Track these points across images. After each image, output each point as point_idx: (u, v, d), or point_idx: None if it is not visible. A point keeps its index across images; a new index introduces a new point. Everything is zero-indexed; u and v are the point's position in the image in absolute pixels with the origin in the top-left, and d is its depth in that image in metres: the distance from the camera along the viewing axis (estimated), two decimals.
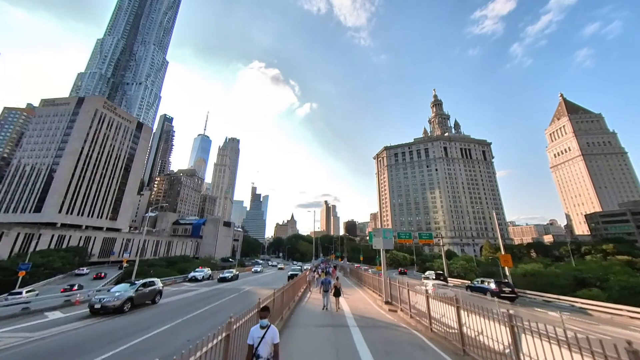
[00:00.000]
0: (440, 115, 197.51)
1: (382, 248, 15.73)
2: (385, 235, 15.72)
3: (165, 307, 16.43)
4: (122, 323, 12.51)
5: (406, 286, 13.40)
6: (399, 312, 13.63)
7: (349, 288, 24.05)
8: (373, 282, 20.65)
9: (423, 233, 46.82)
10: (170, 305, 17.06)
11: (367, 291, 21.76)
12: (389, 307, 14.49)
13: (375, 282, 19.67)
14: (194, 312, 14.56)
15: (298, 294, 16.74)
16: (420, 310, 11.45)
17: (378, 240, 15.75)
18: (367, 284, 23.33)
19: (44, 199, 72.92)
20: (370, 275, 23.13)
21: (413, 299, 12.42)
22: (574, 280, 41.74)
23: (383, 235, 15.69)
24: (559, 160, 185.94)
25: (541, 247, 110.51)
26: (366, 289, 22.93)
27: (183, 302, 18.08)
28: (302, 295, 17.88)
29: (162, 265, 65.38)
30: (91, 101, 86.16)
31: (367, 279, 23.29)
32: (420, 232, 47.36)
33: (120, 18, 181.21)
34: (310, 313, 13.63)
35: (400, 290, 14.10)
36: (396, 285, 14.76)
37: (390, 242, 15.94)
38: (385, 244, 15.63)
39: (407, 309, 12.88)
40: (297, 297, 16.58)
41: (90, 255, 71.14)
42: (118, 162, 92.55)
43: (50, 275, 44.60)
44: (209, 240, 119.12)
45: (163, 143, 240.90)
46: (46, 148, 79.48)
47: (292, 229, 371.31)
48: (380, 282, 17.36)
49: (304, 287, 19.73)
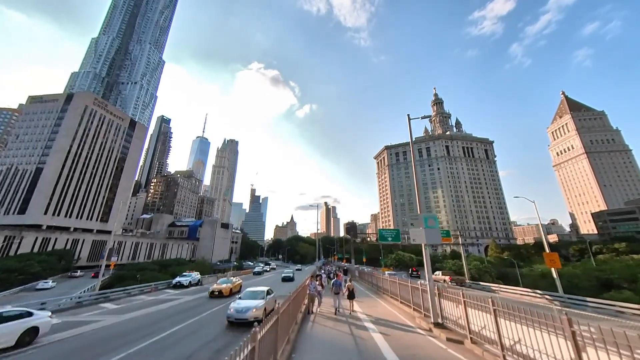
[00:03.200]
0: (441, 114, 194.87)
1: (425, 242, 10.54)
2: (427, 222, 10.52)
3: (100, 335, 11.15)
4: None
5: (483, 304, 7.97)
6: (467, 345, 8.55)
7: (365, 297, 19.43)
8: (400, 291, 15.59)
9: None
10: (113, 329, 11.89)
11: (390, 301, 17.09)
12: (445, 334, 9.42)
13: (405, 291, 14.43)
14: (151, 338, 10.28)
15: (298, 314, 11.86)
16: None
17: (418, 232, 10.68)
18: (388, 291, 18.58)
19: (29, 200, 69.05)
20: (391, 280, 18.03)
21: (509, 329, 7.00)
22: (597, 281, 38.51)
23: (424, 222, 10.43)
24: (562, 158, 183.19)
25: (548, 247, 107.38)
26: (388, 297, 18.23)
27: (148, 320, 13.68)
28: (305, 314, 13.16)
29: (154, 269, 61.32)
30: (80, 97, 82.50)
31: (389, 286, 18.30)
32: None
33: (116, 17, 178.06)
34: (324, 346, 8.99)
35: (465, 309, 8.95)
36: (454, 298, 9.70)
37: (435, 232, 10.70)
38: (430, 236, 10.44)
39: (485, 340, 7.88)
40: (300, 316, 12.02)
41: (77, 259, 67.18)
42: (110, 161, 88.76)
43: (27, 281, 40.65)
44: (206, 243, 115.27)
45: (160, 144, 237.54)
46: (32, 147, 75.66)
47: (291, 231, 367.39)
48: (415, 292, 12.60)
49: (304, 304, 13.94)
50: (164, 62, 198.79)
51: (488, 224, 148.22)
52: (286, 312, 8.10)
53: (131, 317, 14.50)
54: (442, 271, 43.20)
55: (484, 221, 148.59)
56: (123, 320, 13.85)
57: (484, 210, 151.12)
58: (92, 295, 19.22)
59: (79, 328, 12.28)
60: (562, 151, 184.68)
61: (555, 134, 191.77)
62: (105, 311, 16.50)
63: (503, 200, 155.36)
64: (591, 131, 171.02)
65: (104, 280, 52.18)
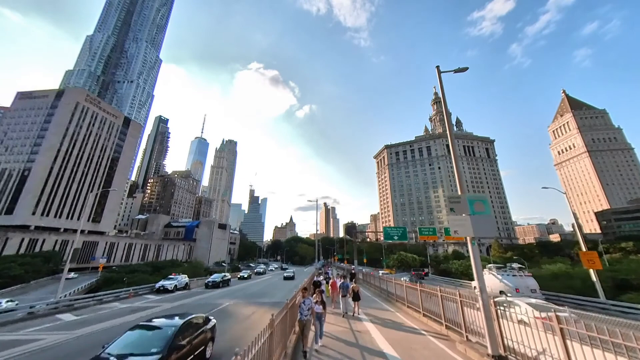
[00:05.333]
0: (442, 113, 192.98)
1: (472, 235, 7.43)
2: (474, 207, 7.33)
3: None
4: None
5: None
6: None
7: (375, 306, 16.29)
8: (422, 300, 12.27)
9: (424, 228, 40.40)
10: (47, 354, 9.31)
11: (407, 312, 14.07)
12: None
13: (432, 302, 11.17)
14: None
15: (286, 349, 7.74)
16: None
17: (460, 222, 7.54)
18: (404, 299, 15.20)
19: (17, 200, 66.29)
20: (410, 286, 14.57)
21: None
22: (612, 282, 36.35)
23: (470, 207, 7.32)
24: (564, 157, 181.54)
25: (552, 246, 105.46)
26: (403, 307, 14.98)
27: (101, 337, 10.55)
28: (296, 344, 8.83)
29: (147, 271, 58.79)
30: (72, 93, 79.77)
31: (406, 294, 14.85)
32: (421, 227, 40.86)
33: (111, 14, 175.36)
34: None
35: (562, 340, 5.44)
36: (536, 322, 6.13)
37: (487, 221, 7.47)
38: (479, 226, 7.36)
39: None
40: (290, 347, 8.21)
41: (66, 261, 64.37)
42: (102, 159, 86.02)
43: (6, 285, 38.00)
44: (202, 244, 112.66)
45: (158, 145, 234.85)
46: (21, 144, 72.87)
47: (290, 232, 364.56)
48: (446, 303, 9.70)
49: (292, 333, 9.43)
50: (160, 61, 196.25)
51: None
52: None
53: (83, 334, 11.70)
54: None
55: None
56: (70, 338, 11.17)
57: None
58: (49, 304, 16.54)
59: (5, 352, 9.54)
60: (563, 150, 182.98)
61: (556, 132, 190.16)
62: (58, 325, 13.77)
63: (505, 200, 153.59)
64: (592, 130, 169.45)
65: (91, 283, 49.75)
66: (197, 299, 22.27)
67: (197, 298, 22.55)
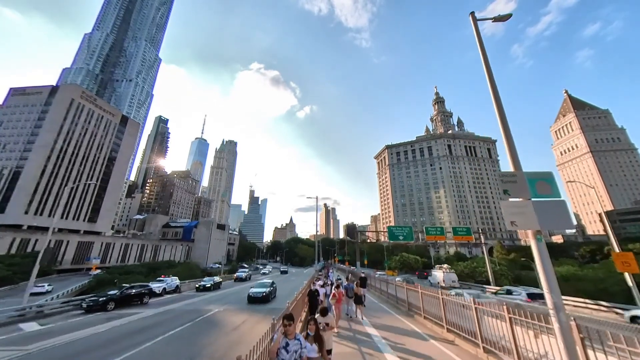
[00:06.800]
0: (443, 113, 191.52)
1: (536, 228, 5.26)
2: (536, 189, 5.36)
3: None
4: None
5: None
6: None
7: (386, 317, 14.01)
8: (444, 312, 10.21)
9: (431, 227, 39.24)
10: None
11: (425, 324, 11.80)
12: None
13: (461, 315, 9.09)
14: None
15: None
16: None
17: (520, 208, 5.41)
18: (421, 309, 12.76)
19: (9, 198, 64.63)
20: (430, 293, 11.90)
21: None
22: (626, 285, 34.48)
23: (531, 189, 5.37)
24: (566, 157, 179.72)
25: (556, 248, 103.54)
26: (420, 318, 12.62)
27: (57, 356, 9.07)
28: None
29: (141, 272, 57.05)
30: (66, 90, 78.17)
31: (425, 303, 12.35)
32: (427, 227, 39.55)
33: (110, 12, 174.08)
34: None
35: None
36: None
37: (559, 207, 5.28)
38: (545, 216, 5.20)
39: None
40: None
41: (60, 261, 62.79)
42: (99, 158, 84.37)
43: None
44: (201, 244, 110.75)
45: (158, 145, 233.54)
46: (14, 142, 71.19)
47: (290, 233, 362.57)
48: (481, 317, 7.90)
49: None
50: (160, 60, 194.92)
51: (492, 224, 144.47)
52: None
53: (37, 350, 9.67)
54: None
55: (487, 222, 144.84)
56: (18, 356, 9.15)
57: (487, 210, 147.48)
58: (17, 310, 14.68)
59: None
60: (566, 150, 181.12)
61: (559, 132, 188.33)
62: (13, 337, 11.62)
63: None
64: (595, 130, 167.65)
65: (83, 285, 48.05)
66: (185, 304, 20.48)
67: (185, 303, 20.73)
